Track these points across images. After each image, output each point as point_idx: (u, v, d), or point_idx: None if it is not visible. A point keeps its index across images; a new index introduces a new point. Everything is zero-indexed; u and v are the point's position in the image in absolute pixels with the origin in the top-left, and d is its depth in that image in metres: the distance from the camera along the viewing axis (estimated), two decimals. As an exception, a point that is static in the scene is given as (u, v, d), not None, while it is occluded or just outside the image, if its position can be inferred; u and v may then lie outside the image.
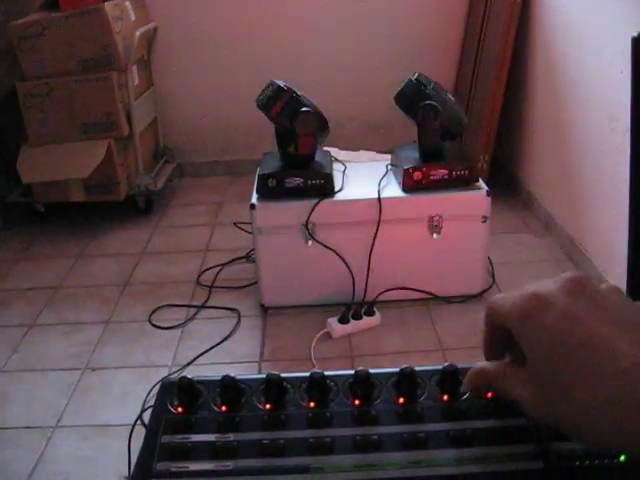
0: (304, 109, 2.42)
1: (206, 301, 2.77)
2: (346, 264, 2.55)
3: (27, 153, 3.35)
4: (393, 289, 2.60)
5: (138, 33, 3.38)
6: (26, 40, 3.21)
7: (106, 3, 3.23)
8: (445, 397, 0.64)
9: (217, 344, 2.48)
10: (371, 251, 2.53)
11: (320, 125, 2.49)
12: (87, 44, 3.22)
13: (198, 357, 2.41)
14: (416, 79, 2.51)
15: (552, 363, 0.48)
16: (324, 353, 2.39)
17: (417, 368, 0.66)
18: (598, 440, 0.47)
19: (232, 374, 0.66)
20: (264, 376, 0.66)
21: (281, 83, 2.45)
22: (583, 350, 0.47)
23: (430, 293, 2.64)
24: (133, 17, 3.49)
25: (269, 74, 3.72)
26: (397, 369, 0.66)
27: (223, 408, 0.65)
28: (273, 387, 0.65)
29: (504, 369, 0.55)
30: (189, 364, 2.37)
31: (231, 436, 0.61)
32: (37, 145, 3.36)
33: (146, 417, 2.09)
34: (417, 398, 0.64)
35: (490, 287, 2.70)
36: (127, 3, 3.46)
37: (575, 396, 0.47)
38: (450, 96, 2.54)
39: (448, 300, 2.64)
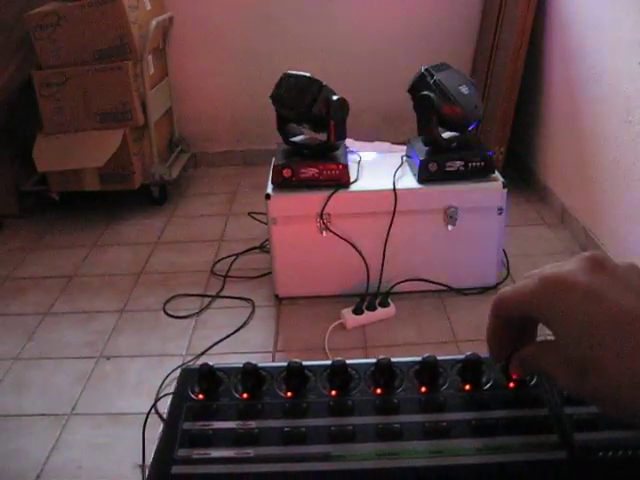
0: (337, 96, 2.44)
1: (220, 291, 2.77)
2: (361, 255, 2.55)
3: (42, 142, 3.36)
4: (408, 280, 2.59)
5: (154, 22, 3.38)
6: (42, 29, 3.21)
7: (122, -8, 3.23)
8: (467, 386, 0.64)
9: (231, 334, 2.48)
10: (386, 242, 2.53)
11: None
12: (103, 33, 3.22)
13: (212, 347, 2.41)
14: (425, 69, 2.51)
15: (581, 344, 0.49)
16: (338, 344, 2.39)
17: (439, 357, 0.66)
18: (633, 414, 0.47)
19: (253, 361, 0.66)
20: (285, 364, 0.66)
21: (301, 73, 2.45)
22: (611, 326, 0.47)
23: (445, 285, 2.63)
24: (149, 6, 3.49)
25: (283, 65, 3.71)
26: (419, 358, 0.66)
27: (244, 395, 0.65)
28: (294, 375, 0.65)
29: (540, 348, 0.54)
30: (203, 353, 2.37)
31: (252, 423, 0.62)
32: (52, 134, 3.36)
33: (160, 406, 2.10)
34: (439, 387, 0.64)
35: (505, 279, 2.68)
36: (143, -8, 3.46)
37: (608, 373, 0.47)
38: (464, 89, 2.50)
39: (463, 292, 2.64)
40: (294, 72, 2.46)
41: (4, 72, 3.40)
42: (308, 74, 2.45)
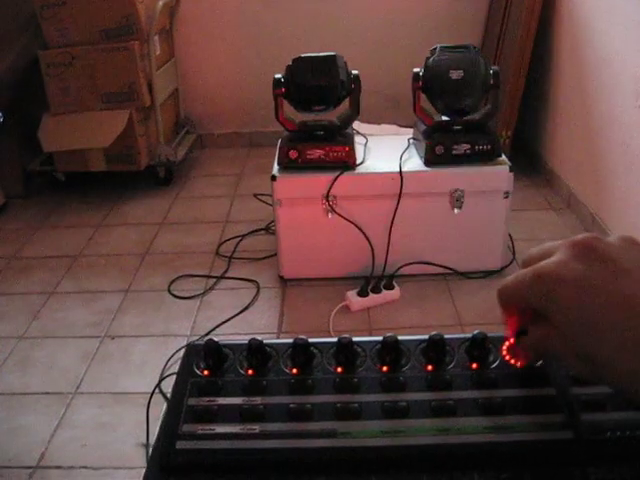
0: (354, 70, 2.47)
1: (225, 272, 2.77)
2: (366, 237, 2.54)
3: (48, 122, 3.36)
4: (413, 263, 2.59)
5: (161, 3, 3.36)
6: (48, 9, 3.20)
7: (129, -28, 3.21)
8: (474, 365, 0.63)
9: (236, 315, 2.48)
10: (391, 225, 2.52)
11: None
12: (110, 13, 3.20)
13: (217, 327, 2.41)
14: (434, 48, 2.50)
15: (582, 338, 0.47)
16: (342, 326, 2.39)
17: (446, 336, 0.65)
18: None
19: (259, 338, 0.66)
20: (291, 341, 0.65)
21: (321, 53, 2.44)
22: (609, 316, 0.46)
23: (450, 268, 2.62)
24: (156, -14, 3.47)
25: (289, 46, 3.68)
26: (426, 336, 0.65)
27: (250, 372, 0.64)
28: (300, 352, 0.65)
29: (550, 333, 0.52)
30: (208, 334, 2.38)
31: (258, 399, 0.61)
32: (58, 114, 3.35)
33: (164, 385, 2.11)
34: (445, 365, 0.64)
35: (510, 263, 2.67)
36: (150, -28, 3.44)
37: (615, 366, 0.46)
38: (456, 74, 2.44)
39: (468, 275, 2.63)
40: (310, 54, 2.44)
41: (10, 52, 3.39)
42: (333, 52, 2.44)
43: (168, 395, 2.07)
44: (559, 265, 0.49)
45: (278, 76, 2.46)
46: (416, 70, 2.48)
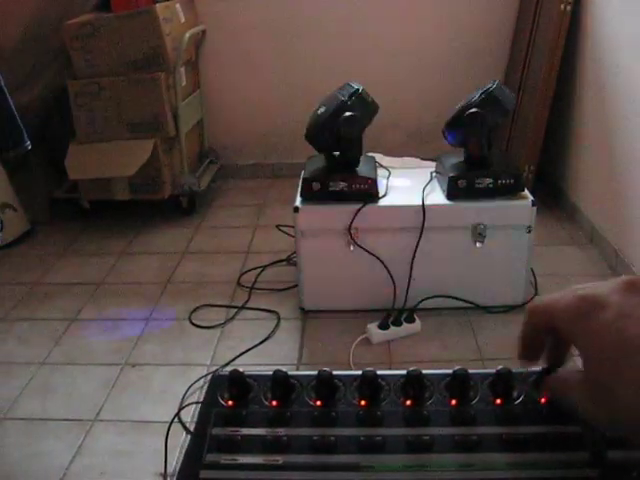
0: None
1: (246, 302, 2.78)
2: (388, 270, 2.54)
3: (75, 150, 3.40)
4: (434, 297, 2.58)
5: (187, 35, 3.41)
6: (78, 40, 3.26)
7: (157, 5, 3.26)
8: (498, 401, 0.63)
9: (256, 345, 2.48)
10: (413, 258, 2.52)
11: None
12: (137, 45, 3.26)
13: (237, 358, 2.41)
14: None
15: (607, 363, 0.47)
16: (363, 358, 2.38)
17: (470, 371, 0.65)
18: None
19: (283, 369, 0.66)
20: (315, 373, 0.66)
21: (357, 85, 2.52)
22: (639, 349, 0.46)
23: (471, 302, 2.61)
24: (183, 19, 3.53)
25: (313, 78, 3.72)
26: (450, 370, 0.65)
27: (274, 403, 0.65)
28: (324, 384, 0.65)
29: (572, 378, 0.53)
30: (228, 364, 2.38)
31: (281, 431, 0.61)
32: (85, 143, 3.40)
33: (184, 415, 2.11)
34: (469, 400, 0.64)
35: (532, 298, 2.66)
36: (177, 5, 3.50)
37: (632, 399, 0.46)
38: (455, 109, 2.51)
39: (489, 310, 2.62)
40: (354, 85, 2.49)
41: (40, 81, 3.45)
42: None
43: (187, 424, 2.07)
44: (603, 291, 0.50)
45: (350, 114, 2.44)
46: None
